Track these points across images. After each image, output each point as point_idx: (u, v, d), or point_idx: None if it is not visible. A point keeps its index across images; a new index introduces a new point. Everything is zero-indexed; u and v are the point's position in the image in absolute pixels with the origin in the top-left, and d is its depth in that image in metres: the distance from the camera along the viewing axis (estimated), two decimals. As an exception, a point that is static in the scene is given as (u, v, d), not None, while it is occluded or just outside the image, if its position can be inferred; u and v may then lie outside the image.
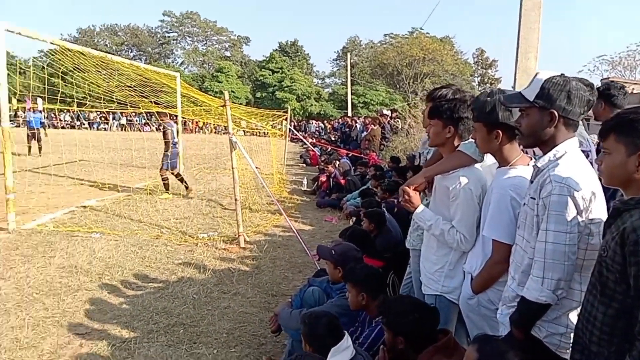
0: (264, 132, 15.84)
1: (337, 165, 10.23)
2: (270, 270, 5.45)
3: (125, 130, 42.25)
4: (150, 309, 4.21)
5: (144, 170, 13.24)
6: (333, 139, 22.26)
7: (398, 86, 45.12)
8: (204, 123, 41.68)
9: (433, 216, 2.60)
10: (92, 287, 4.69)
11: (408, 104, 19.98)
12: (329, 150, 16.33)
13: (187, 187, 9.75)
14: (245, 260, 5.78)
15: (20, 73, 8.69)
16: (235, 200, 6.47)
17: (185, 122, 17.06)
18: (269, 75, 57.27)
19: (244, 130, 21.60)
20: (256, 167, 7.10)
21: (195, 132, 41.16)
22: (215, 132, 39.51)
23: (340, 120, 28.87)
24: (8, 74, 6.66)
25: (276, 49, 61.86)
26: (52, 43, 7.41)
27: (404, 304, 2.37)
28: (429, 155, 3.52)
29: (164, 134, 9.40)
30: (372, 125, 13.89)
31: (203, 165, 14.79)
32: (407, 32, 50.38)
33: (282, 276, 5.27)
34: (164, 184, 9.59)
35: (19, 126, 17.15)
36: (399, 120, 14.65)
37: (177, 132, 10.18)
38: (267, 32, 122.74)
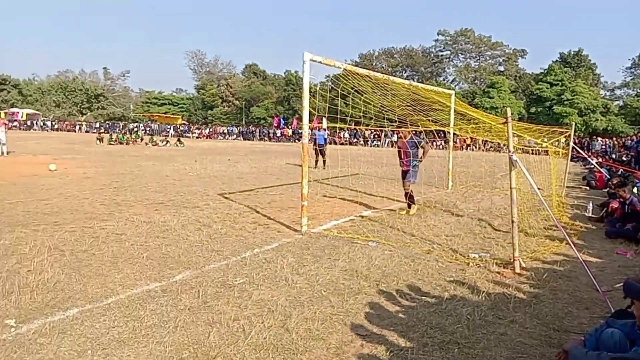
0: (539, 150, 14.74)
1: (634, 191, 8.81)
2: (550, 302, 4.98)
3: (394, 146, 44.80)
4: (424, 322, 4.28)
5: (414, 185, 13.71)
6: (625, 159, 19.34)
7: None
8: (471, 140, 41.16)
9: None
10: (371, 292, 5.02)
11: None
12: (620, 172, 14.25)
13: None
14: (522, 287, 5.41)
15: (312, 96, 10.04)
16: (512, 222, 6.13)
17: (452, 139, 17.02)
18: (547, 88, 53.38)
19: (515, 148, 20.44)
20: (538, 189, 6.60)
21: (463, 149, 40.84)
22: (484, 150, 38.61)
23: (635, 137, 24.96)
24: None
25: (556, 60, 57.31)
26: (344, 69, 8.31)
27: None
28: None
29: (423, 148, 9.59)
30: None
31: (472, 183, 14.56)
32: None
33: (565, 310, 4.75)
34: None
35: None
36: None
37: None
38: (546, 43, 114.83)
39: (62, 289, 4.82)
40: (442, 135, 34.20)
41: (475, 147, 42.77)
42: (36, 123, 70.81)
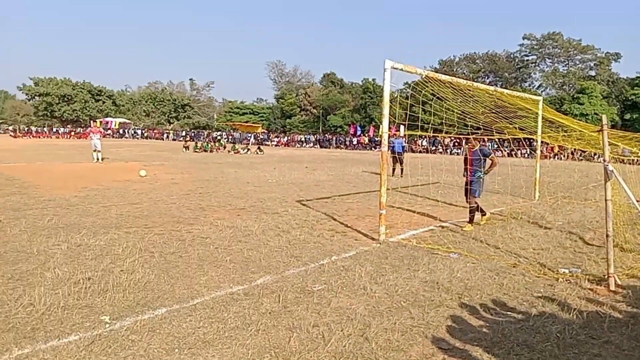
0: (636, 160, 13.69)
1: None
2: (651, 323, 4.59)
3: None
4: (510, 338, 4.08)
5: (497, 195, 13.20)
6: None
7: None
8: (559, 148, 39.06)
9: None
10: (453, 305, 4.87)
11: None
12: None
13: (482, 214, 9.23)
14: (618, 306, 5.02)
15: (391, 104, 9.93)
16: (607, 236, 5.72)
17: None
18: (644, 93, 49.62)
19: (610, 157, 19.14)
20: (637, 201, 6.13)
21: (549, 157, 38.86)
22: (572, 158, 36.53)
23: None
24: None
25: (654, 64, 53.05)
26: (425, 76, 8.18)
27: None
28: None
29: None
30: None
31: (560, 194, 13.78)
32: None
33: (670, 333, 4.35)
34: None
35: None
36: None
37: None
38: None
39: (152, 289, 5.07)
40: (528, 143, 32.72)
41: (564, 155, 40.54)
42: (127, 131, 75.71)
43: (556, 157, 40.70)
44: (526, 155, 35.76)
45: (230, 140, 59.18)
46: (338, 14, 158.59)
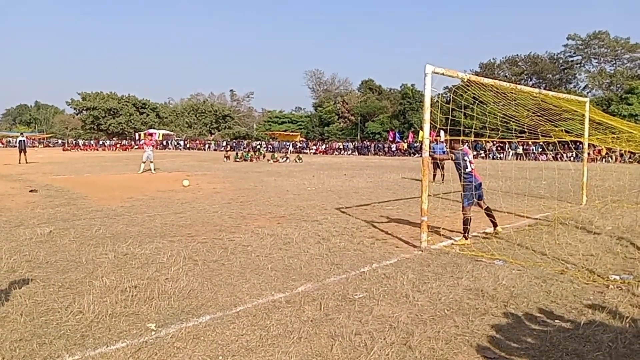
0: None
1: None
2: None
3: (520, 159, 42.36)
4: (559, 347, 3.94)
5: (542, 200, 12.84)
6: None
7: None
8: (607, 151, 37.71)
9: None
10: (498, 313, 4.75)
11: None
12: None
13: (495, 224, 8.66)
14: (674, 314, 4.79)
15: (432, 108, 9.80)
16: (662, 241, 5.48)
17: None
18: (698, 92, 47.40)
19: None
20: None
21: (597, 160, 37.54)
22: (621, 161, 35.17)
23: None
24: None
25: None
26: (467, 79, 8.06)
27: None
28: None
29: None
30: None
31: (610, 198, 13.27)
32: None
33: None
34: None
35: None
36: None
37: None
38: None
39: (196, 297, 5.16)
40: (575, 146, 31.71)
41: (612, 158, 39.08)
42: (170, 142, 77.67)
43: (604, 159, 39.28)
44: (572, 158, 34.66)
45: (269, 149, 59.88)
46: (376, 20, 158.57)
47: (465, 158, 8.25)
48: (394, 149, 58.04)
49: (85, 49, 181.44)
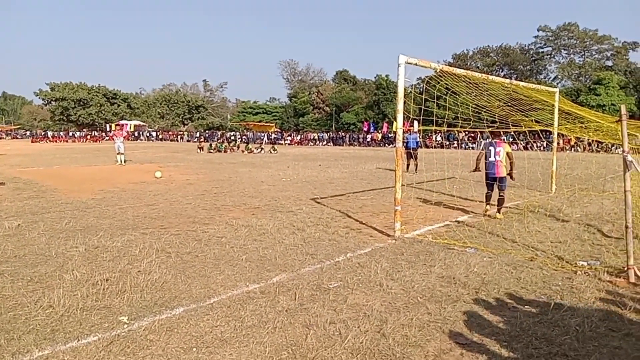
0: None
1: None
2: (673, 315, 4.51)
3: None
4: (529, 332, 4.04)
5: (513, 189, 13.07)
6: None
7: None
8: (576, 140, 38.58)
9: None
10: (470, 300, 4.83)
11: None
12: None
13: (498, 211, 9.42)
14: (638, 297, 4.95)
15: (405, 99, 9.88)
16: (626, 227, 5.64)
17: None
18: (662, 82, 48.78)
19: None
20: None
21: (566, 150, 38.40)
22: (589, 150, 36.05)
23: None
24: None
25: (674, 51, 52.08)
26: (439, 70, 8.12)
27: None
28: None
29: None
30: None
31: (578, 186, 13.60)
32: None
33: (693, 325, 4.28)
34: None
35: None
36: None
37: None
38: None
39: (169, 289, 5.11)
40: (545, 135, 32.35)
41: (581, 147, 40.02)
42: (142, 133, 76.41)
43: (573, 149, 40.20)
44: (542, 148, 35.36)
45: (243, 140, 59.45)
46: (350, 11, 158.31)
47: (491, 149, 9.41)
48: (368, 139, 58.31)
49: (54, 38, 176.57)
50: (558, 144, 31.16)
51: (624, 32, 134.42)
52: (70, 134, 76.91)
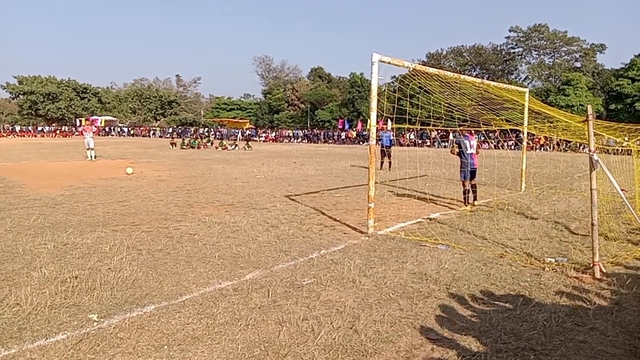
0: (620, 150, 13.92)
1: None
2: (635, 309, 4.66)
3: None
4: (498, 327, 4.12)
5: (483, 187, 13.29)
6: None
7: None
8: (545, 139, 39.42)
9: None
10: (441, 295, 4.90)
11: None
12: None
13: (475, 199, 10.53)
14: (602, 293, 5.10)
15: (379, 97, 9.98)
16: (592, 225, 5.79)
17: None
18: (628, 84, 50.28)
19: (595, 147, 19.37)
20: (621, 190, 6.20)
21: (536, 149, 39.20)
22: (558, 150, 36.89)
23: None
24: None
25: (639, 55, 53.60)
26: (413, 69, 8.19)
27: None
28: None
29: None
30: None
31: (546, 185, 13.91)
32: None
33: (654, 319, 4.43)
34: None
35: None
36: None
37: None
38: (628, 37, 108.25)
39: (140, 286, 5.04)
40: (515, 134, 32.98)
41: (550, 147, 40.92)
42: (113, 129, 74.98)
43: (542, 148, 41.07)
44: (512, 147, 36.04)
45: (217, 136, 58.94)
46: (325, 7, 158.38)
47: (466, 142, 10.26)
48: (343, 137, 58.44)
49: (22, 30, 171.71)
50: (528, 143, 31.87)
51: (592, 34, 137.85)
52: (39, 128, 74.84)
